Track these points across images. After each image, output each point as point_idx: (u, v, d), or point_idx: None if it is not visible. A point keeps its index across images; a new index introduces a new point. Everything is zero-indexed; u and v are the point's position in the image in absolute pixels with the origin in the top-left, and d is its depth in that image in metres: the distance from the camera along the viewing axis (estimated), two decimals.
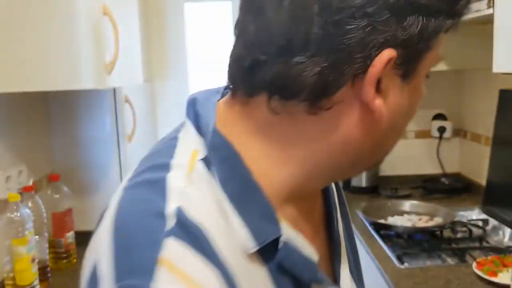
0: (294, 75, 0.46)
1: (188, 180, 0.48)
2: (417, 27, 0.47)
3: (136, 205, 0.48)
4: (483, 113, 2.47)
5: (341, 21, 0.44)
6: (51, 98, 2.00)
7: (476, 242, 1.92)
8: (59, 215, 1.78)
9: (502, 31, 1.45)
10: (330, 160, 0.52)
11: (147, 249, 0.43)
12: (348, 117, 0.49)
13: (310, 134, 0.50)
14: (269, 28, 0.47)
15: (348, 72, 0.46)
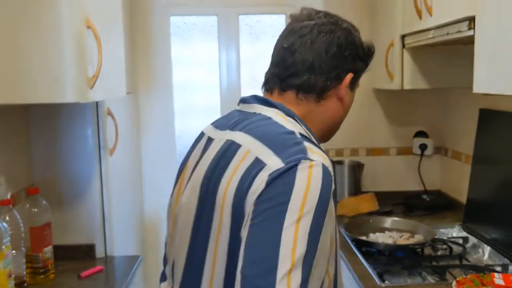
0: (312, 83, 1.05)
1: (292, 125, 1.01)
2: (359, 65, 1.11)
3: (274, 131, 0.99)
4: (464, 131, 2.50)
5: (337, 62, 1.07)
6: (32, 111, 1.97)
7: (456, 260, 1.93)
8: (37, 229, 1.74)
9: (482, 53, 1.47)
10: (326, 123, 1.11)
11: (296, 145, 0.93)
12: (331, 103, 1.09)
13: (316, 111, 1.08)
14: (303, 60, 1.06)
15: (335, 83, 1.07)
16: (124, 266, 1.96)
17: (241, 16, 2.83)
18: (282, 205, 0.85)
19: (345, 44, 1.07)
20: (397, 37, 2.26)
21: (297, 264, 0.82)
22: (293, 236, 0.83)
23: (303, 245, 0.84)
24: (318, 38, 1.06)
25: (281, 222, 0.84)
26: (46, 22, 1.44)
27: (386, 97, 2.79)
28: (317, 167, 0.89)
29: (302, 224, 0.85)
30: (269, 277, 0.81)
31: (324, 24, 1.08)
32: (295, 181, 0.87)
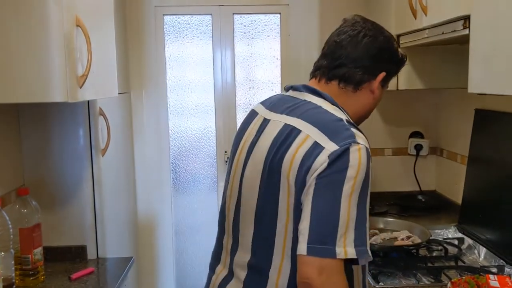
0: (352, 75, 1.27)
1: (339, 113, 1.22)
2: (392, 68, 1.33)
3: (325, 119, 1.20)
4: (459, 132, 2.49)
5: (375, 61, 1.28)
6: (22, 110, 1.95)
7: (452, 261, 1.91)
8: (27, 231, 1.72)
9: (477, 52, 1.46)
10: (358, 110, 1.31)
11: (345, 130, 1.14)
12: (365, 94, 1.30)
13: (352, 99, 1.29)
14: (348, 54, 1.27)
15: (370, 78, 1.28)
16: (116, 268, 1.94)
17: (236, 15, 2.81)
18: (340, 180, 1.09)
19: (384, 48, 1.30)
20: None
21: (351, 226, 1.08)
22: (348, 205, 1.08)
23: (354, 211, 1.09)
24: (364, 40, 1.29)
25: (340, 193, 1.08)
26: (34, 20, 1.42)
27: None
28: (363, 150, 1.12)
29: (354, 195, 1.09)
30: (332, 235, 1.07)
31: (370, 30, 1.31)
32: (349, 161, 1.10)
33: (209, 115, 2.87)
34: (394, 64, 1.35)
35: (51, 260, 1.94)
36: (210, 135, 2.88)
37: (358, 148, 1.11)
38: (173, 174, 2.90)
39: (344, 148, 1.10)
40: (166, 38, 2.80)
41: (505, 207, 1.91)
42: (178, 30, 2.82)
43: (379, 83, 1.30)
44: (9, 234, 1.59)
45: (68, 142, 1.96)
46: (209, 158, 2.89)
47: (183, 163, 2.90)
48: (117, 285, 1.77)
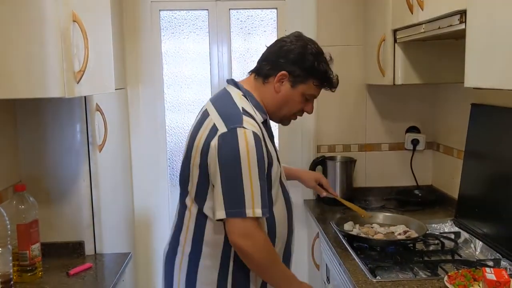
0: (261, 68, 1.67)
1: (241, 101, 1.59)
2: (296, 71, 1.62)
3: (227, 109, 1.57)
4: (456, 127, 2.50)
5: (280, 61, 1.64)
6: (19, 106, 1.94)
7: (448, 255, 1.92)
8: (24, 227, 1.72)
9: (474, 46, 1.46)
10: (268, 103, 1.66)
11: (238, 116, 1.51)
12: (271, 88, 1.64)
13: (263, 91, 1.66)
14: (264, 53, 1.70)
15: (274, 73, 1.63)
16: (114, 263, 1.94)
17: (232, 11, 2.80)
18: (235, 160, 1.44)
19: (293, 51, 1.62)
20: (389, 32, 2.25)
21: (256, 196, 1.45)
22: (249, 179, 1.44)
23: (257, 185, 1.45)
24: (280, 43, 1.67)
25: (240, 171, 1.44)
26: (30, 15, 1.42)
27: (378, 93, 2.78)
28: (248, 133, 1.46)
29: (253, 173, 1.45)
30: (240, 206, 1.44)
31: (292, 40, 1.65)
32: (238, 142, 1.45)
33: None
34: (300, 68, 1.61)
35: (48, 256, 1.94)
36: None
37: (244, 133, 1.46)
38: (169, 170, 2.90)
39: (232, 130, 1.47)
40: (162, 34, 2.79)
41: (501, 201, 1.92)
42: (174, 25, 2.81)
43: (279, 80, 1.62)
44: (6, 230, 1.58)
45: (65, 138, 1.95)
46: None
47: (180, 158, 2.87)
48: (115, 280, 1.78)
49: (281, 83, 1.63)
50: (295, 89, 1.63)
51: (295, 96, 1.65)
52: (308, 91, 1.65)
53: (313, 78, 1.63)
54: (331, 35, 2.74)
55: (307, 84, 1.64)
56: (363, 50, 2.73)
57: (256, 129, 1.50)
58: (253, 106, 1.61)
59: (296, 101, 1.66)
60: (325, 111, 2.79)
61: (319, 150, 2.81)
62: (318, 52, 1.65)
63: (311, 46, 1.64)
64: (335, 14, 2.75)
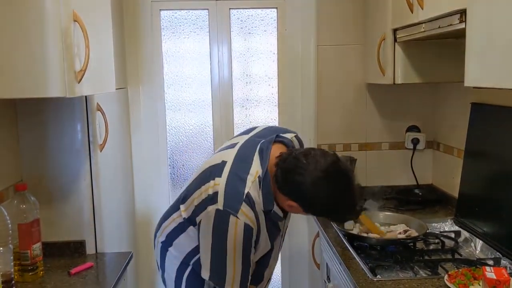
0: (280, 181, 1.52)
1: (252, 186, 1.51)
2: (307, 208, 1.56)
3: (234, 187, 1.52)
4: (456, 126, 2.50)
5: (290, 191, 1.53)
6: (20, 106, 1.95)
7: (448, 254, 1.93)
8: (25, 226, 1.72)
9: (474, 46, 1.46)
10: (278, 202, 1.57)
11: (238, 203, 1.48)
12: (283, 198, 1.55)
13: (278, 195, 1.55)
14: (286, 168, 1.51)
15: (286, 195, 1.54)
16: (115, 263, 1.95)
17: (232, 10, 2.81)
18: (223, 242, 1.50)
19: (304, 190, 1.47)
20: (389, 31, 2.25)
21: (236, 282, 1.53)
22: (233, 262, 1.51)
23: (239, 272, 1.52)
24: (295, 174, 1.48)
25: (225, 253, 1.50)
26: (31, 15, 1.42)
27: (378, 92, 2.79)
28: (240, 224, 1.48)
29: (237, 259, 1.51)
30: (222, 281, 1.54)
31: (305, 169, 1.47)
32: (228, 228, 1.48)
33: (206, 110, 2.87)
34: (315, 211, 1.59)
35: (50, 256, 1.94)
36: (208, 130, 2.89)
37: (236, 223, 1.47)
38: (170, 169, 2.90)
39: (227, 215, 1.48)
40: (163, 33, 2.79)
41: (501, 200, 1.92)
42: (175, 25, 2.81)
43: (289, 205, 1.54)
44: (7, 230, 1.59)
45: (66, 138, 1.96)
46: (207, 153, 2.89)
47: (181, 158, 2.91)
48: (116, 279, 1.78)
49: (291, 206, 1.55)
50: (307, 212, 1.58)
51: (302, 213, 1.60)
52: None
53: (326, 217, 1.76)
54: (331, 34, 2.75)
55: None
56: (363, 49, 2.73)
57: (250, 221, 1.49)
58: (260, 194, 1.53)
59: (296, 212, 1.61)
60: (325, 110, 2.79)
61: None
62: (342, 193, 1.48)
63: (334, 189, 1.47)
64: (335, 13, 2.75)
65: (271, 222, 1.60)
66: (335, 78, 2.77)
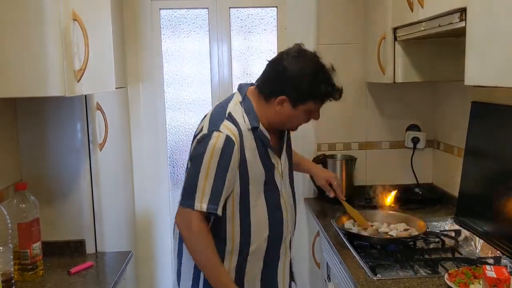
0: (263, 88, 1.69)
1: (234, 107, 1.68)
2: (294, 95, 1.64)
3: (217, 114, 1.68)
4: (456, 125, 2.50)
5: (278, 86, 1.65)
6: (19, 105, 1.94)
7: (449, 253, 1.93)
8: (25, 225, 1.72)
9: (474, 44, 1.46)
10: (269, 117, 1.69)
11: (220, 120, 1.63)
12: (272, 107, 1.68)
13: (264, 107, 1.69)
14: (266, 73, 1.71)
15: (273, 97, 1.66)
16: (115, 262, 1.94)
17: (232, 9, 2.80)
18: (202, 158, 1.58)
19: (291, 77, 1.62)
20: (389, 30, 2.25)
21: (207, 192, 1.58)
22: (205, 176, 1.58)
23: (210, 183, 1.58)
24: (279, 66, 1.65)
25: (200, 167, 1.59)
26: (31, 14, 1.42)
27: (378, 91, 2.78)
28: (222, 136, 1.59)
29: (210, 170, 1.58)
30: (191, 198, 1.59)
31: (291, 60, 1.64)
32: (209, 143, 1.59)
33: (206, 109, 2.82)
34: (300, 94, 1.63)
35: (49, 255, 1.94)
36: None
37: (217, 136, 1.58)
38: (170, 168, 2.90)
39: (209, 133, 1.60)
40: (162, 33, 2.79)
41: (501, 199, 1.92)
42: (174, 24, 2.81)
43: (280, 104, 1.65)
44: (7, 229, 1.58)
45: (65, 137, 1.96)
46: None
47: (181, 157, 2.90)
48: (116, 279, 1.78)
49: (282, 105, 1.65)
50: (297, 109, 1.66)
51: (298, 114, 1.68)
52: (310, 108, 1.68)
53: (312, 99, 1.65)
54: (331, 33, 2.74)
55: (307, 104, 1.66)
56: (363, 48, 2.73)
57: (231, 133, 1.60)
58: (244, 113, 1.67)
59: (299, 117, 1.70)
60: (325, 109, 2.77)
61: (320, 149, 2.81)
62: (316, 71, 1.63)
63: (308, 66, 1.63)
64: (335, 12, 2.75)
65: (261, 144, 1.68)
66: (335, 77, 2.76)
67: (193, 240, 1.61)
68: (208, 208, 1.58)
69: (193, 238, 1.61)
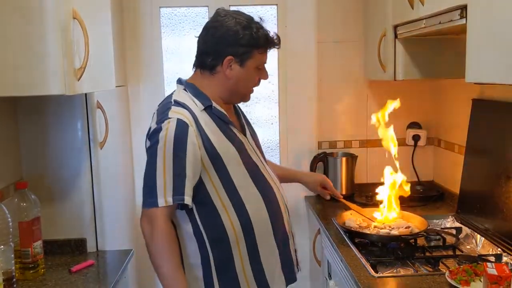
0: (204, 62, 1.65)
1: (178, 94, 1.64)
2: (239, 50, 1.59)
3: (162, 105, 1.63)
4: (457, 122, 2.50)
5: (219, 48, 1.61)
6: (20, 104, 1.94)
7: (450, 250, 1.92)
8: (26, 224, 1.72)
9: (474, 41, 1.46)
10: (222, 90, 1.65)
11: (167, 110, 1.56)
12: (221, 76, 1.64)
13: (213, 82, 1.65)
14: (200, 46, 1.67)
15: (219, 62, 1.61)
16: (116, 260, 1.95)
17: (233, 7, 2.79)
18: (156, 151, 1.50)
19: (227, 34, 1.59)
20: (389, 27, 2.25)
21: (168, 184, 1.48)
22: (163, 168, 1.49)
23: (169, 172, 1.49)
24: (209, 32, 1.63)
25: (155, 161, 1.50)
26: (31, 13, 1.42)
27: (378, 88, 2.78)
28: (172, 121, 1.51)
29: (167, 160, 1.49)
30: (152, 196, 1.49)
31: (216, 21, 1.63)
32: (160, 134, 1.51)
33: None
34: (243, 46, 1.59)
35: (50, 253, 1.95)
36: None
37: (168, 122, 1.51)
38: None
39: (159, 125, 1.52)
40: (162, 31, 2.79)
41: (502, 196, 1.92)
42: (174, 22, 2.81)
43: (228, 67, 1.61)
44: (8, 228, 1.59)
45: (66, 135, 1.96)
46: None
47: None
48: (117, 277, 1.78)
49: (231, 68, 1.61)
50: (245, 66, 1.62)
51: (248, 73, 1.64)
52: (257, 62, 1.64)
53: (256, 48, 1.62)
54: (332, 31, 2.74)
55: (254, 57, 1.62)
56: (363, 46, 2.73)
57: (183, 116, 1.52)
58: (192, 96, 1.61)
59: (250, 77, 1.65)
60: (325, 107, 2.79)
61: (320, 146, 2.81)
62: (249, 20, 1.62)
63: (240, 19, 1.61)
64: (336, 9, 2.74)
65: (221, 122, 1.62)
66: (335, 75, 2.77)
67: (155, 240, 1.48)
68: (174, 199, 1.48)
69: (155, 238, 1.48)
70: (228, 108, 1.70)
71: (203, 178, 1.56)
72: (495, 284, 1.37)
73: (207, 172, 1.55)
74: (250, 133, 1.75)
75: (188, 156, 1.50)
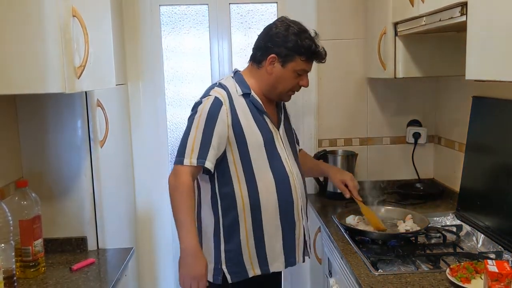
0: (254, 55, 1.92)
1: (225, 79, 1.93)
2: (283, 51, 1.83)
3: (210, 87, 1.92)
4: (457, 120, 2.50)
5: (266, 45, 1.86)
6: (20, 102, 1.94)
7: (450, 248, 1.92)
8: (27, 223, 1.72)
9: (475, 39, 1.46)
10: (264, 83, 1.89)
11: (211, 89, 1.89)
12: (264, 71, 1.88)
13: (258, 74, 1.90)
14: (255, 42, 1.94)
15: (264, 58, 1.87)
16: (117, 258, 1.95)
17: (232, 5, 2.80)
18: (193, 119, 1.79)
19: (276, 36, 1.83)
20: (390, 25, 2.24)
21: (196, 148, 1.75)
22: (194, 135, 1.76)
23: (198, 139, 1.75)
24: (264, 31, 1.89)
25: (191, 127, 1.78)
26: (30, 10, 1.41)
27: (379, 86, 2.78)
28: (210, 98, 1.80)
29: (198, 129, 1.76)
30: (182, 155, 1.76)
31: (276, 25, 1.86)
32: (199, 107, 1.80)
33: None
34: (288, 49, 1.81)
35: (51, 252, 1.95)
36: None
37: (207, 99, 1.80)
38: (171, 164, 2.89)
39: (201, 99, 1.82)
40: (162, 29, 2.78)
41: (503, 193, 1.91)
42: (174, 20, 2.81)
43: (271, 63, 1.84)
44: (9, 226, 1.59)
45: (66, 134, 1.96)
46: None
47: None
48: (118, 275, 1.78)
49: (273, 65, 1.84)
50: (286, 68, 1.84)
51: (287, 74, 1.85)
52: (298, 67, 1.85)
53: (299, 54, 1.82)
54: (332, 29, 2.73)
55: (295, 61, 1.83)
56: (363, 44, 2.72)
57: (220, 95, 1.80)
58: (236, 82, 1.87)
59: (289, 78, 1.86)
60: (326, 105, 2.79)
61: (321, 144, 2.81)
62: (301, 30, 1.83)
63: (293, 27, 1.83)
64: (335, 7, 2.74)
65: (255, 109, 1.85)
66: (335, 73, 2.77)
67: (177, 191, 1.73)
68: (197, 162, 1.74)
69: (177, 189, 1.73)
70: (267, 101, 1.91)
71: (227, 152, 1.80)
72: (496, 281, 1.37)
73: (230, 146, 1.80)
74: (284, 128, 1.96)
75: (216, 129, 1.76)
